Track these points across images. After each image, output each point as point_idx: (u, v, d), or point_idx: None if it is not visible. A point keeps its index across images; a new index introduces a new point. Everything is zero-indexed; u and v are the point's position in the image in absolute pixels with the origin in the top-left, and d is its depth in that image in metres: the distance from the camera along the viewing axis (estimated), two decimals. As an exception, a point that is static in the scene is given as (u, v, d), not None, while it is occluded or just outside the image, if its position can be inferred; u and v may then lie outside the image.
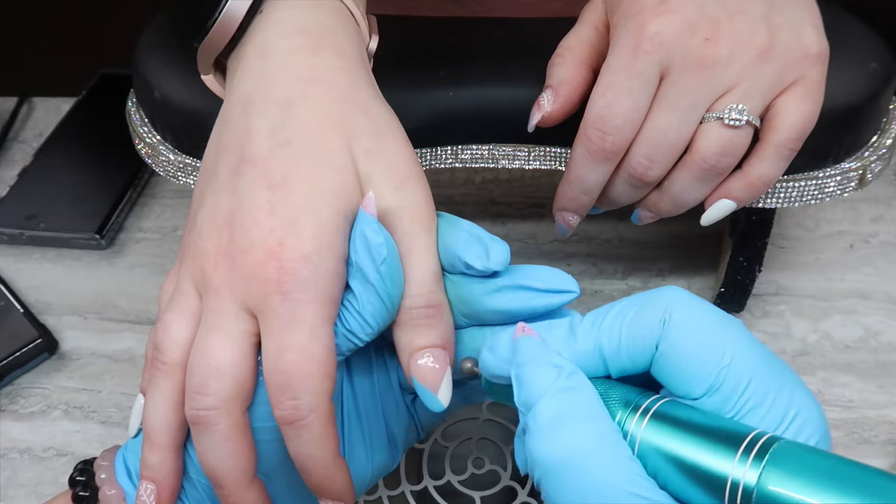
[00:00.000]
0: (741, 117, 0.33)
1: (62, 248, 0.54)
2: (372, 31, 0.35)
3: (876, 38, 0.40)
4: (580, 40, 0.37)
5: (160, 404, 0.29)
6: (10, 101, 0.64)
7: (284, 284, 0.27)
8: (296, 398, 0.27)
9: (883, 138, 0.40)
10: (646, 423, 0.24)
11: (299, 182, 0.28)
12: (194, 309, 0.29)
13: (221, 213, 0.29)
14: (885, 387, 0.44)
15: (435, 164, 0.41)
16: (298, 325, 0.27)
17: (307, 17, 0.32)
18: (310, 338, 0.27)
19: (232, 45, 0.32)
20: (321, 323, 0.27)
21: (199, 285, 0.29)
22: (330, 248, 0.28)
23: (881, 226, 0.53)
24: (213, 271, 0.28)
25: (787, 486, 0.20)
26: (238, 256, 0.28)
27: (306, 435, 0.28)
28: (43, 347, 0.47)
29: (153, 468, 0.30)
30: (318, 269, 0.27)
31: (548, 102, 0.36)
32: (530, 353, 0.26)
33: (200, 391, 0.28)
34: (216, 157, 0.31)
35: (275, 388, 0.27)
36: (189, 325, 0.29)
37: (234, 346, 0.28)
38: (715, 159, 0.34)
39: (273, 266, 0.27)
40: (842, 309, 0.48)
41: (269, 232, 0.28)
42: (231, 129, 0.31)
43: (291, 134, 0.29)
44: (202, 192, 0.31)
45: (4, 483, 0.42)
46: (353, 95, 0.31)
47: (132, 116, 0.43)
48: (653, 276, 0.51)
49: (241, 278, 0.28)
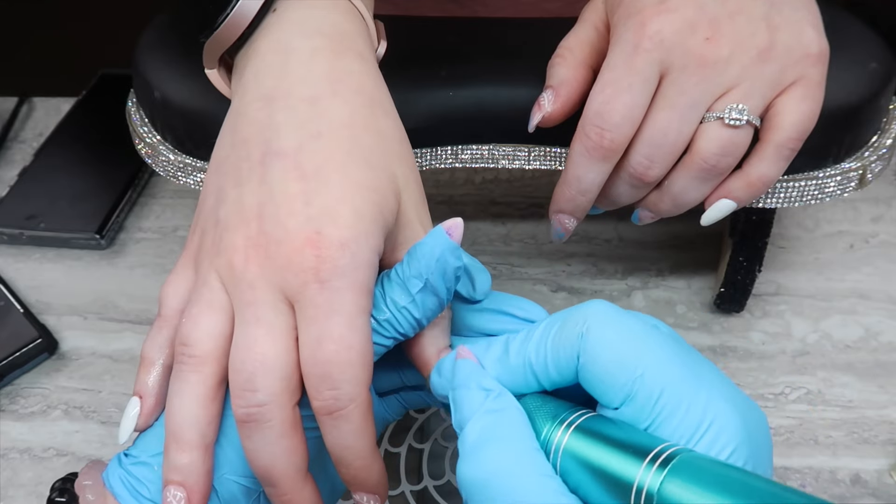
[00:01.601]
0: (741, 117, 0.33)
1: (62, 248, 0.54)
2: (380, 37, 0.35)
3: (876, 38, 0.40)
4: (580, 40, 0.37)
5: (189, 400, 0.28)
6: (10, 101, 0.64)
7: (322, 272, 0.27)
8: (336, 388, 0.27)
9: (883, 138, 0.40)
10: (568, 435, 0.25)
11: (334, 172, 0.28)
12: (223, 303, 0.29)
13: (248, 205, 0.29)
14: (885, 387, 0.44)
15: (435, 164, 0.41)
16: (337, 315, 0.27)
17: (326, 20, 0.32)
18: (348, 327, 0.27)
19: (241, 41, 0.32)
20: (359, 312, 0.27)
21: (228, 280, 0.28)
22: (367, 238, 0.28)
23: (881, 226, 0.53)
24: (245, 264, 0.28)
25: (683, 492, 0.22)
26: (272, 247, 0.28)
27: (346, 426, 0.27)
28: (43, 347, 0.47)
29: (182, 470, 0.28)
30: (356, 258, 0.27)
31: (548, 102, 0.36)
32: (465, 375, 0.27)
33: (249, 388, 0.27)
34: (233, 151, 0.30)
35: (314, 378, 0.27)
36: (219, 319, 0.28)
37: (279, 339, 0.27)
38: (715, 159, 0.34)
39: (311, 254, 0.27)
40: (842, 309, 0.48)
41: (305, 221, 0.27)
42: (250, 123, 0.30)
43: (323, 128, 0.29)
44: (220, 188, 0.30)
45: (4, 483, 0.42)
46: (380, 100, 0.31)
47: (132, 116, 0.43)
48: (653, 276, 0.51)
49: (276, 268, 0.27)
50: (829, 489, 0.40)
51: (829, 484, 0.40)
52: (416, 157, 0.41)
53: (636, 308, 0.49)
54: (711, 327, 0.48)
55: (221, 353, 0.28)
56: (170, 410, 0.28)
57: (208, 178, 0.32)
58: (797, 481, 0.41)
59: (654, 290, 0.50)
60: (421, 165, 0.41)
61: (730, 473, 0.22)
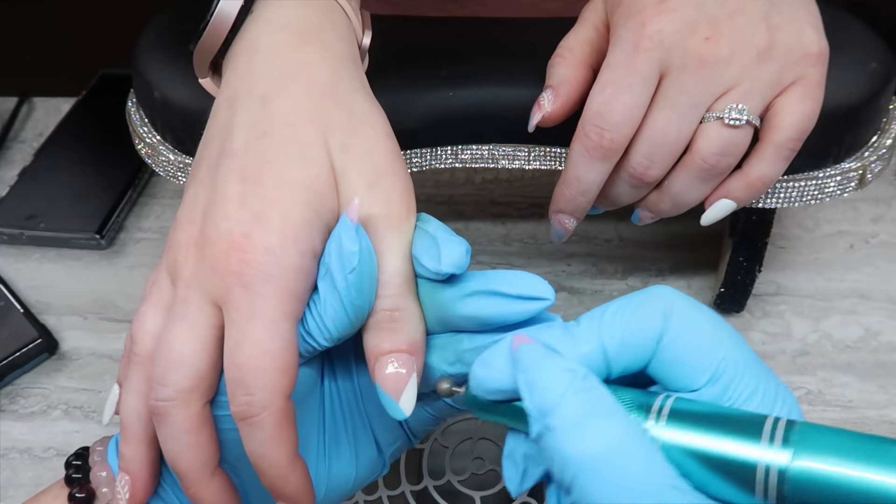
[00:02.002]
0: (741, 117, 0.33)
1: (62, 248, 0.54)
2: (365, 27, 0.35)
3: (876, 38, 0.40)
4: (580, 40, 0.37)
5: (132, 396, 0.29)
6: (10, 101, 0.64)
7: (246, 277, 0.27)
8: (249, 394, 0.26)
9: (883, 138, 0.40)
10: (664, 421, 0.23)
11: (270, 174, 0.28)
12: (168, 301, 0.29)
13: (198, 205, 0.29)
14: (885, 387, 0.44)
15: (435, 164, 0.41)
16: (257, 319, 0.26)
17: (294, 14, 0.32)
18: (268, 333, 0.26)
19: (225, 46, 0.32)
20: (281, 318, 0.27)
21: (173, 277, 0.29)
22: (295, 242, 0.27)
23: (881, 226, 0.53)
24: (184, 263, 0.28)
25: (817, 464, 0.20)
26: (206, 248, 0.28)
27: (259, 433, 0.27)
28: (43, 347, 0.47)
29: (127, 460, 0.29)
30: (281, 263, 0.27)
31: (548, 102, 0.36)
32: (536, 359, 0.25)
33: (160, 382, 0.27)
34: (200, 152, 0.31)
35: (231, 382, 0.27)
36: (162, 317, 0.29)
37: (196, 338, 0.27)
38: (715, 159, 0.34)
39: (236, 258, 0.27)
40: (842, 309, 0.48)
41: (235, 224, 0.27)
42: (215, 125, 0.31)
43: (268, 127, 0.29)
44: (187, 187, 0.31)
45: (4, 483, 0.42)
46: (333, 90, 0.31)
47: (132, 116, 0.43)
48: (653, 276, 0.51)
49: (207, 269, 0.27)
50: (829, 489, 0.40)
51: (829, 484, 0.40)
52: (416, 157, 0.41)
53: (636, 308, 0.49)
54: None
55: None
56: (120, 405, 0.30)
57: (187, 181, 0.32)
58: (797, 481, 0.41)
59: (654, 290, 0.50)
60: (421, 165, 0.41)
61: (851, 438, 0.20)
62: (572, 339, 0.25)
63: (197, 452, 0.28)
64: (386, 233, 0.29)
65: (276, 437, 0.27)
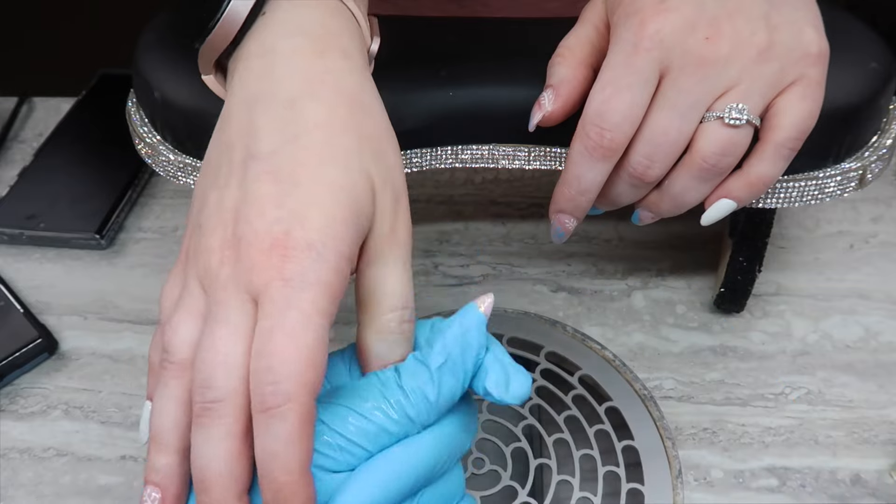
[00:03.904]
0: (741, 116, 0.33)
1: (62, 248, 0.54)
2: (373, 34, 0.35)
3: (876, 38, 0.40)
4: (580, 40, 0.37)
5: (169, 404, 0.28)
6: (10, 101, 0.64)
7: (286, 271, 0.26)
8: (276, 382, 0.25)
9: (883, 138, 0.40)
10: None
11: (307, 176, 0.28)
12: (202, 308, 0.28)
13: (226, 208, 0.29)
14: (885, 387, 0.44)
15: (435, 164, 0.41)
16: (294, 310, 0.26)
17: (311, 18, 0.32)
18: (302, 324, 0.26)
19: (233, 46, 0.32)
20: (317, 313, 0.26)
21: (205, 283, 0.28)
22: (335, 242, 0.27)
23: (881, 226, 0.53)
24: (220, 267, 0.28)
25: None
26: (242, 248, 0.27)
27: (279, 426, 0.25)
28: (43, 347, 0.47)
29: (160, 472, 0.28)
30: (322, 260, 0.27)
31: (548, 102, 0.36)
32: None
33: (206, 385, 0.26)
34: (218, 156, 0.31)
35: (257, 371, 0.26)
36: (197, 325, 0.28)
37: (239, 340, 0.27)
38: (715, 159, 0.34)
39: (277, 254, 0.27)
40: (842, 309, 0.48)
41: (274, 222, 0.27)
42: (233, 127, 0.30)
43: (299, 130, 0.29)
44: (204, 191, 0.30)
45: (4, 483, 0.42)
46: (360, 99, 0.31)
47: (132, 116, 0.43)
48: (653, 276, 0.51)
49: (244, 269, 0.27)
50: (829, 489, 0.40)
51: (829, 484, 0.40)
52: (416, 157, 0.41)
53: (636, 308, 0.49)
54: (711, 327, 0.48)
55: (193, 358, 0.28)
56: (153, 414, 0.28)
57: (197, 182, 0.32)
58: (797, 481, 0.41)
59: (654, 290, 0.50)
60: (421, 165, 0.41)
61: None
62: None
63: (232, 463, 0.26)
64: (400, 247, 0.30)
65: (296, 435, 0.25)
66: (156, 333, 0.31)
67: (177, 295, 0.30)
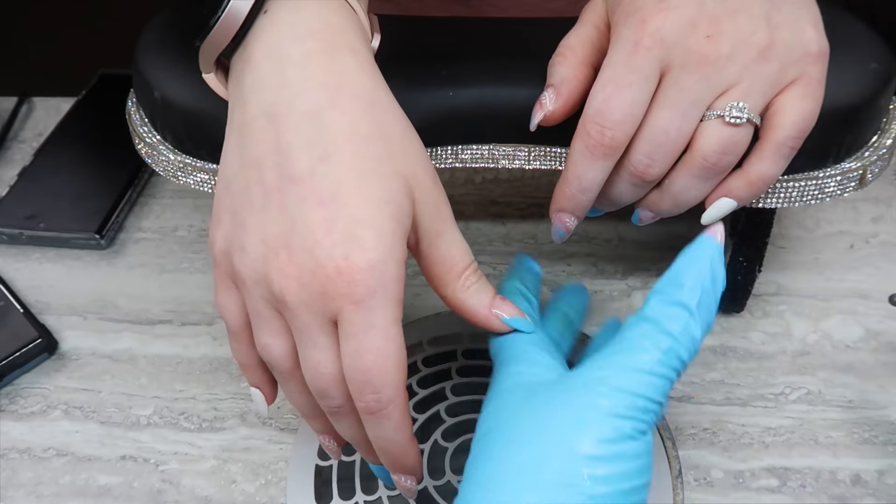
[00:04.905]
0: (742, 115, 0.33)
1: (62, 248, 0.54)
2: (374, 30, 0.36)
3: (876, 38, 0.40)
4: (581, 39, 0.37)
5: (300, 396, 0.34)
6: (10, 101, 0.64)
7: (355, 295, 0.29)
8: (377, 392, 0.30)
9: (883, 138, 0.40)
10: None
11: (349, 195, 0.29)
12: (281, 327, 0.32)
13: (272, 234, 0.30)
14: (885, 387, 0.44)
15: (435, 164, 0.41)
16: (373, 329, 0.30)
17: (316, 18, 0.32)
18: (384, 339, 0.30)
19: (235, 44, 0.32)
20: (391, 324, 0.30)
21: (275, 304, 0.31)
22: (392, 254, 0.30)
23: (881, 226, 0.53)
24: (284, 294, 0.30)
25: None
26: (305, 277, 0.29)
27: (387, 423, 0.31)
28: (43, 347, 0.47)
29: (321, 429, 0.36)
30: (384, 276, 0.29)
31: (549, 101, 0.36)
32: None
33: (325, 395, 0.32)
34: (244, 171, 0.31)
35: (357, 384, 0.30)
36: (284, 341, 0.32)
37: (333, 357, 0.31)
38: (716, 157, 0.34)
39: (342, 281, 0.29)
40: (842, 309, 0.48)
41: (331, 248, 0.29)
42: (258, 143, 0.31)
43: (329, 146, 0.30)
44: (235, 211, 0.31)
45: (4, 483, 0.42)
46: (377, 98, 0.32)
47: (132, 116, 0.43)
48: (653, 276, 0.51)
49: (313, 295, 0.30)
50: (829, 489, 0.40)
51: (829, 484, 0.40)
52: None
53: (636, 308, 0.49)
54: (711, 327, 0.48)
55: (297, 365, 0.33)
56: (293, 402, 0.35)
57: (219, 194, 0.32)
58: (797, 481, 0.41)
59: (654, 290, 0.50)
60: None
61: None
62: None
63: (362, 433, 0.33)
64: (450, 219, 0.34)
65: (401, 423, 0.32)
66: (234, 343, 0.35)
67: (237, 307, 0.33)
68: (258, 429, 0.44)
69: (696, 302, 0.30)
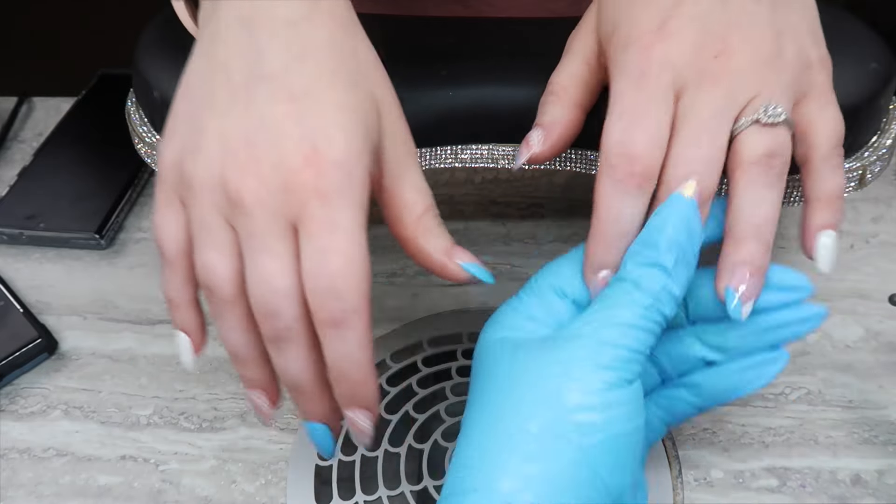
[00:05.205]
0: (779, 113, 0.31)
1: (62, 248, 0.54)
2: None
3: (876, 38, 0.40)
4: (574, 79, 0.35)
5: (233, 332, 0.31)
6: (9, 101, 0.64)
7: (322, 188, 0.28)
8: (341, 300, 0.28)
9: (883, 138, 0.40)
10: None
11: (323, 94, 0.29)
12: (227, 241, 0.30)
13: (233, 136, 0.29)
14: (885, 387, 0.44)
15: (435, 164, 0.41)
16: (339, 231, 0.28)
17: None
18: (350, 242, 0.28)
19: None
20: (359, 228, 0.29)
21: (227, 212, 0.29)
22: (360, 159, 0.29)
23: (881, 226, 0.53)
24: (240, 193, 0.28)
25: None
26: (266, 171, 0.28)
27: (351, 335, 0.29)
28: (43, 347, 0.47)
29: (254, 380, 0.32)
30: (352, 176, 0.28)
31: (538, 143, 0.35)
32: None
33: (273, 314, 0.29)
34: (208, 78, 0.30)
35: (319, 292, 0.28)
36: (229, 259, 0.30)
37: (290, 266, 0.29)
38: (766, 160, 0.31)
39: (310, 173, 0.28)
40: (842, 309, 0.48)
41: (299, 140, 0.28)
42: (229, 46, 0.30)
43: (307, 49, 0.29)
44: (193, 116, 0.30)
45: (4, 483, 0.42)
46: (353, 23, 0.32)
47: (132, 116, 0.43)
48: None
49: (274, 191, 0.28)
50: (829, 489, 0.40)
51: (829, 484, 0.40)
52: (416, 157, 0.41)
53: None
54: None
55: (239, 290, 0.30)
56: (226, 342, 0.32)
57: (177, 105, 0.31)
58: (797, 481, 0.41)
59: (654, 290, 0.50)
60: (421, 165, 0.41)
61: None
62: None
63: (317, 367, 0.31)
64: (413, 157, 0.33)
65: (364, 338, 0.29)
66: (166, 274, 0.32)
67: (176, 228, 0.31)
68: (258, 429, 0.44)
69: (672, 261, 0.30)
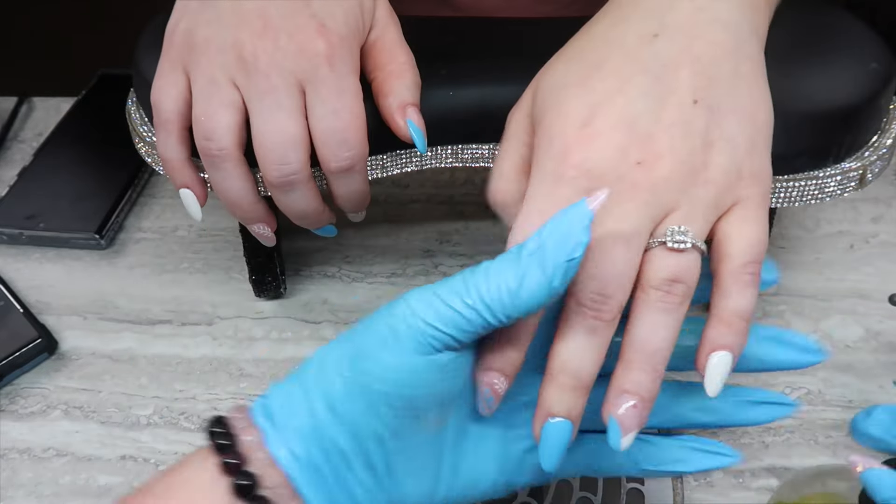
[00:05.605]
0: (686, 239, 0.29)
1: (62, 248, 0.54)
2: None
3: (876, 38, 0.40)
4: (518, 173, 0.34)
5: (236, 181, 0.36)
6: (9, 101, 0.64)
7: (332, 58, 0.34)
8: (351, 149, 0.35)
9: (883, 138, 0.40)
10: None
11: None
12: (234, 98, 0.34)
13: (249, 9, 0.34)
14: (885, 387, 0.44)
15: (435, 164, 0.41)
16: (346, 93, 0.34)
17: None
18: (356, 102, 0.35)
19: None
20: (358, 91, 0.35)
21: (238, 73, 0.34)
22: (355, 37, 0.35)
23: (881, 226, 0.53)
24: (255, 56, 0.33)
25: None
26: (282, 38, 0.33)
27: (359, 176, 0.37)
28: (43, 347, 0.47)
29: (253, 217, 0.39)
30: (352, 49, 0.35)
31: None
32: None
33: (282, 162, 0.34)
34: None
35: (332, 144, 0.35)
36: (233, 113, 0.34)
37: (299, 119, 0.34)
38: (667, 286, 0.29)
39: (322, 41, 0.34)
40: (842, 309, 0.48)
41: (311, 16, 0.34)
42: None
43: None
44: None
45: (4, 483, 0.42)
46: None
47: (132, 116, 0.43)
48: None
49: (288, 55, 0.33)
50: (829, 489, 0.40)
51: (829, 484, 0.40)
52: (416, 157, 0.41)
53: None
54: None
55: (241, 144, 0.35)
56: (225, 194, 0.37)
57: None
58: (797, 481, 0.41)
59: (654, 290, 0.50)
60: (421, 165, 0.41)
61: None
62: None
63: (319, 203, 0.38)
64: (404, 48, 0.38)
65: (365, 179, 0.38)
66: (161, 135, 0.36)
67: (177, 92, 0.35)
68: (258, 429, 0.44)
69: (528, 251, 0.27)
